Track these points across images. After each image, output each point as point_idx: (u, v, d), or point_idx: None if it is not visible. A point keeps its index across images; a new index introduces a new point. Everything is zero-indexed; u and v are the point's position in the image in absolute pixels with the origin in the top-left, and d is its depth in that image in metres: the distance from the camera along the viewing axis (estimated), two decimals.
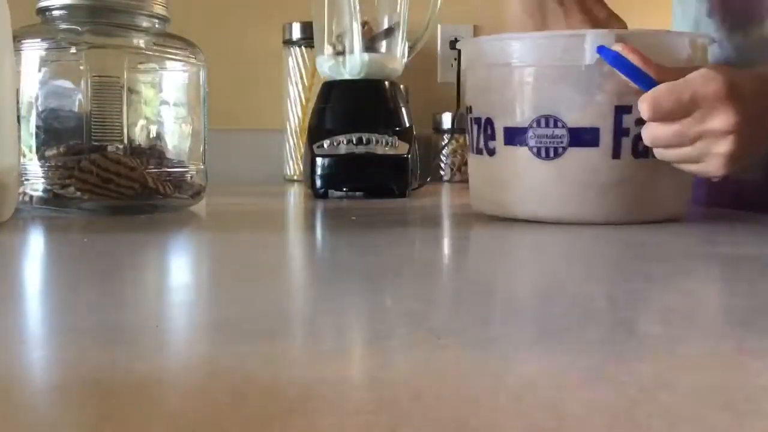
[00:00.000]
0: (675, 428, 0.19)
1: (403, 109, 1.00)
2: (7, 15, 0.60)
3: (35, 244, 0.57)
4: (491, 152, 0.66)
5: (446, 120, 1.35)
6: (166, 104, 0.76)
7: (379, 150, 0.96)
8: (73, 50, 0.70)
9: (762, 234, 0.61)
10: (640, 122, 0.60)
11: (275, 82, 1.37)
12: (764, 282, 0.41)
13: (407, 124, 0.99)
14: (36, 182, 0.69)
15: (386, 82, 0.99)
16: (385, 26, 1.02)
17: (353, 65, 0.97)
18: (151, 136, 0.74)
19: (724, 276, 0.42)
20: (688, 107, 0.57)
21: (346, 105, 0.99)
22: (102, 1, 0.71)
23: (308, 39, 1.25)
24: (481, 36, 0.71)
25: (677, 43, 0.65)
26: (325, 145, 0.96)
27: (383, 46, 1.01)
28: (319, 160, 0.96)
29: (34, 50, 0.70)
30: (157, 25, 0.74)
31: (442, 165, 1.36)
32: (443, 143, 1.35)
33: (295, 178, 1.33)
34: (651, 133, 0.59)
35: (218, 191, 0.95)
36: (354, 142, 0.95)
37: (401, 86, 1.02)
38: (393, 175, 0.97)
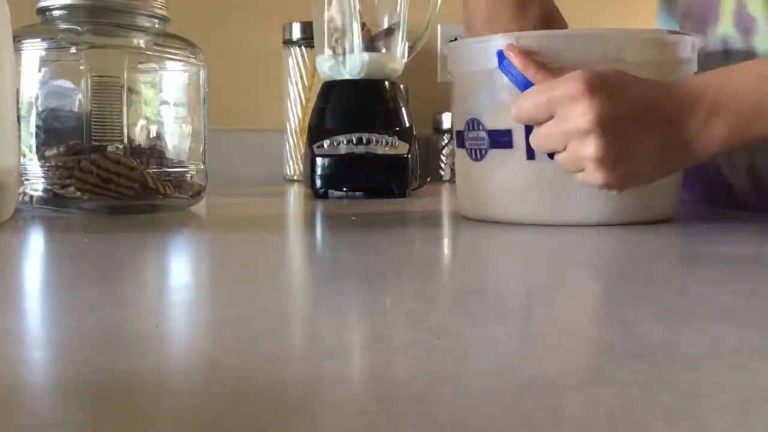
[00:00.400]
0: (675, 428, 0.19)
1: (403, 109, 1.00)
2: (7, 15, 0.60)
3: (35, 244, 0.57)
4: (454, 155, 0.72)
5: (446, 120, 1.35)
6: (166, 104, 0.76)
7: (379, 150, 0.96)
8: (73, 50, 0.70)
9: (761, 234, 0.61)
10: None
11: (275, 82, 1.37)
12: (764, 282, 0.41)
13: (407, 124, 0.99)
14: (36, 182, 0.69)
15: (386, 82, 0.99)
16: (385, 26, 1.02)
17: (353, 65, 0.97)
18: (151, 136, 0.74)
19: (724, 276, 0.42)
20: (548, 109, 0.56)
21: (346, 105, 0.99)
22: (102, 1, 0.71)
23: (308, 39, 1.25)
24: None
25: (597, 42, 0.62)
26: (325, 145, 0.96)
27: (383, 46, 1.01)
28: (319, 160, 0.96)
29: (34, 50, 0.70)
30: (157, 25, 0.74)
31: (442, 165, 1.36)
32: (443, 143, 1.35)
33: (295, 178, 1.33)
34: (532, 136, 0.59)
35: (218, 191, 0.95)
36: (354, 142, 0.95)
37: (401, 86, 1.02)
38: (393, 175, 0.97)
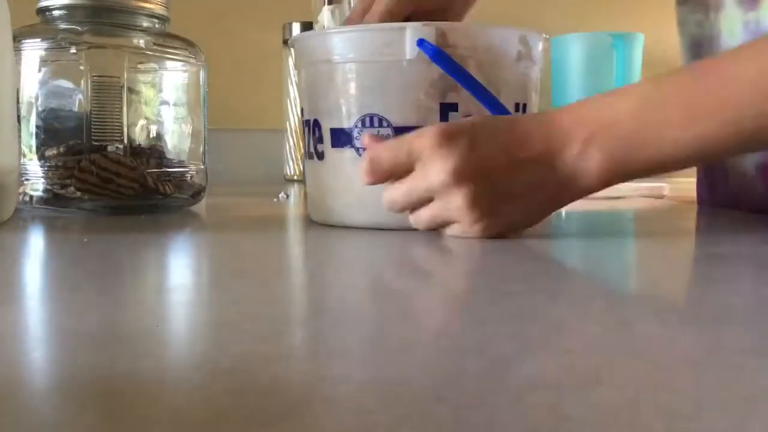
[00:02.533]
0: (675, 428, 0.19)
1: None
2: (7, 15, 0.60)
3: (35, 244, 0.57)
4: (320, 156, 0.61)
5: None
6: (166, 104, 0.76)
7: None
8: (73, 50, 0.70)
9: (761, 234, 0.61)
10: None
11: (275, 82, 1.37)
12: (764, 282, 0.41)
13: None
14: (36, 182, 0.69)
15: None
16: None
17: None
18: (151, 136, 0.74)
19: (724, 276, 0.42)
20: (408, 163, 0.52)
21: None
22: (102, 1, 0.71)
23: None
24: (307, 32, 0.65)
25: (506, 39, 0.59)
26: None
27: None
28: None
29: (34, 50, 0.70)
30: (157, 25, 0.74)
31: None
32: None
33: (295, 178, 1.33)
34: (387, 196, 0.54)
35: (218, 191, 0.95)
36: None
37: None
38: None
